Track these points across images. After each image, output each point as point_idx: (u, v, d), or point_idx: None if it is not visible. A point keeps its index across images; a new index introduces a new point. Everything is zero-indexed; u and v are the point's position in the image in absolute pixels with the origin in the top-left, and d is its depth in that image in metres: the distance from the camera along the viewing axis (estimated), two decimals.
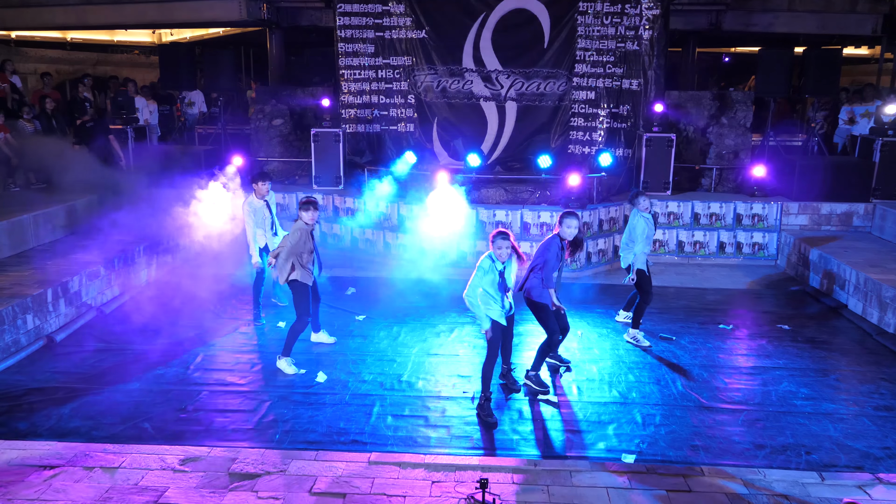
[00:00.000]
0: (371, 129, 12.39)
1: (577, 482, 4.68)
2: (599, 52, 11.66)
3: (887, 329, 7.58)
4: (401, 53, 12.00)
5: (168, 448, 5.09)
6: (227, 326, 7.70)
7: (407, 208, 10.53)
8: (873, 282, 7.92)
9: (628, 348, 7.19)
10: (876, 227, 10.39)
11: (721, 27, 13.25)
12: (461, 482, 4.63)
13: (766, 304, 8.73)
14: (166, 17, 14.06)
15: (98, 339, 7.30)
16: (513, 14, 11.65)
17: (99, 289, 8.20)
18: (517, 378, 6.30)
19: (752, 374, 6.63)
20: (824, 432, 5.53)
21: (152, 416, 5.67)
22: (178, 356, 6.87)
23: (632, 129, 11.79)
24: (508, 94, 11.97)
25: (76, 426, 5.51)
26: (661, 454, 5.19)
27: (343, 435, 5.43)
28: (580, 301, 8.63)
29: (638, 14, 11.44)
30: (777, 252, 10.53)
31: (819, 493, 4.59)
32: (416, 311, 8.19)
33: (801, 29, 13.38)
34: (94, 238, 9.28)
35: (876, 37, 13.53)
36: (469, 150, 11.11)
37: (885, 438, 5.45)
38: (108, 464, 4.83)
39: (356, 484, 4.63)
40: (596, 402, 6.01)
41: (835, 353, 7.17)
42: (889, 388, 6.35)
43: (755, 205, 10.61)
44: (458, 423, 5.63)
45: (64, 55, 16.25)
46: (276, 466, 4.83)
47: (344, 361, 6.74)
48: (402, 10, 11.77)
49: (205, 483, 4.63)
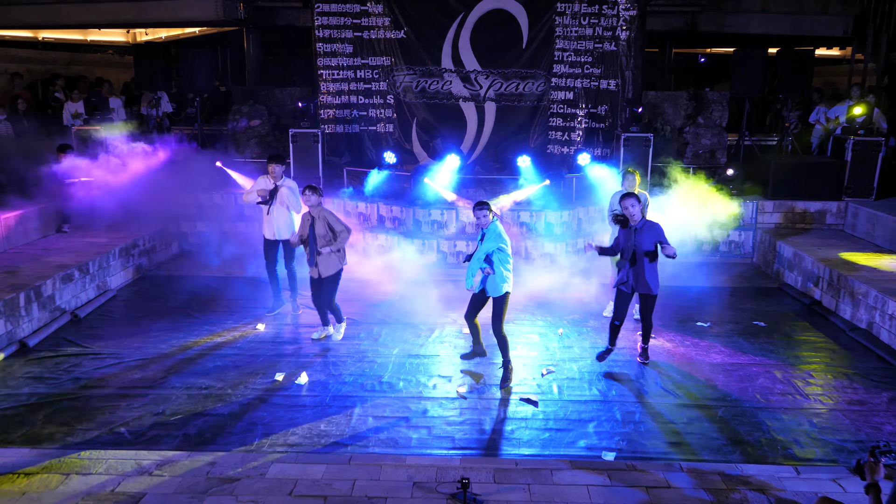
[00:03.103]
0: (350, 129, 12.34)
1: (557, 480, 4.70)
2: (577, 53, 11.73)
3: (860, 325, 7.71)
4: (379, 53, 11.96)
5: (145, 453, 5.02)
6: (204, 329, 7.62)
7: (386, 208, 10.52)
8: (846, 278, 8.05)
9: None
10: (848, 225, 10.57)
11: (697, 28, 13.42)
12: (443, 482, 4.62)
13: (742, 301, 8.84)
14: (141, 17, 13.88)
15: (73, 344, 7.18)
16: (491, 14, 11.67)
17: (73, 292, 8.07)
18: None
19: (729, 370, 6.71)
20: (800, 427, 5.61)
21: (129, 421, 5.59)
22: (156, 360, 6.78)
23: (610, 128, 11.87)
24: (487, 94, 11.99)
25: (50, 432, 5.41)
26: (640, 451, 5.24)
27: (324, 437, 5.40)
28: (558, 300, 8.67)
29: (615, 15, 11.52)
30: (753, 250, 10.67)
31: (795, 487, 4.66)
32: (396, 312, 8.17)
33: (775, 30, 13.60)
34: (69, 240, 9.15)
35: (847, 38, 13.77)
36: (448, 150, 11.11)
37: (858, 432, 5.55)
38: (83, 470, 4.75)
39: (337, 486, 4.60)
40: (576, 401, 6.04)
41: (809, 350, 7.28)
42: (862, 382, 6.47)
43: (731, 203, 10.72)
44: (440, 424, 5.63)
45: (35, 55, 15.94)
46: (255, 470, 4.79)
47: (324, 363, 6.71)
48: (381, 10, 11.73)
49: (183, 488, 4.58)
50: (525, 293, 8.89)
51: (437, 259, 9.99)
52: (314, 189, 6.92)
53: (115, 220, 9.70)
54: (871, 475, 3.24)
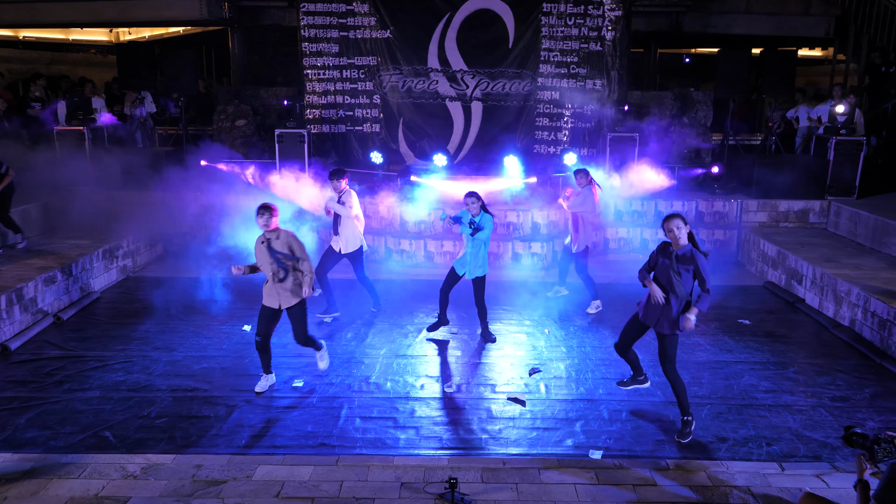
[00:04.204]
0: (336, 129, 12.30)
1: (545, 479, 4.71)
2: (563, 53, 11.77)
3: (842, 322, 7.80)
4: (366, 53, 11.94)
5: (130, 457, 4.97)
6: (189, 331, 7.57)
7: (373, 208, 10.50)
8: (829, 276, 8.14)
9: (595, 346, 7.27)
10: (831, 224, 10.69)
11: (681, 28, 13.51)
12: (431, 482, 4.62)
13: (727, 299, 8.90)
14: (124, 16, 13.75)
15: (55, 347, 7.10)
16: (477, 14, 11.68)
17: (56, 294, 7.98)
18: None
19: (714, 368, 6.76)
20: (784, 424, 5.66)
21: (113, 424, 5.54)
22: (140, 362, 6.72)
23: (596, 128, 11.92)
24: (474, 94, 12.00)
25: (32, 436, 5.34)
26: (627, 449, 5.26)
27: (311, 438, 5.37)
28: (545, 300, 8.70)
29: (601, 15, 11.58)
30: (737, 249, 10.76)
31: (779, 483, 4.71)
32: (382, 312, 8.15)
33: (758, 31, 13.72)
34: (51, 242, 9.04)
35: (829, 39, 13.93)
36: (435, 150, 11.12)
37: (841, 429, 5.57)
38: (66, 475, 4.70)
39: (324, 488, 4.59)
40: (563, 400, 6.05)
41: (793, 347, 7.35)
42: (845, 379, 6.54)
43: (716, 202, 10.83)
44: (427, 424, 5.62)
45: (16, 54, 15.76)
46: (242, 472, 4.76)
47: (311, 364, 6.67)
48: (367, 10, 11.71)
49: (169, 491, 4.54)
50: (512, 292, 8.91)
51: (424, 258, 9.99)
52: (268, 209, 5.79)
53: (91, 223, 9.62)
54: (859, 471, 3.28)
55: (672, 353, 5.31)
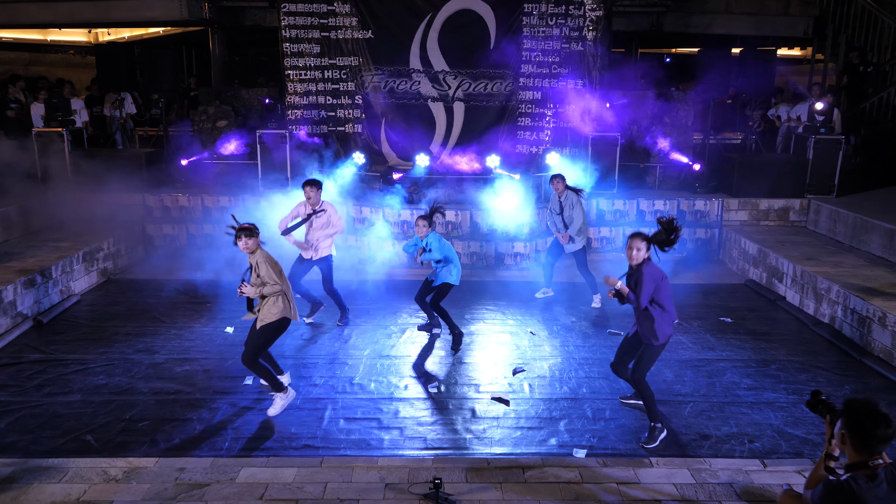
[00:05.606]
0: (318, 130, 12.25)
1: (529, 478, 4.72)
2: (545, 53, 11.81)
3: (823, 319, 7.90)
4: (347, 54, 11.90)
5: (112, 460, 4.92)
6: (172, 333, 7.50)
7: (355, 209, 10.47)
8: (809, 274, 8.24)
9: (578, 345, 7.30)
10: (811, 222, 10.82)
11: (662, 28, 13.60)
12: (415, 483, 4.62)
13: (708, 298, 8.99)
14: (102, 16, 13.59)
15: (36, 350, 7.01)
16: (459, 15, 11.68)
17: (36, 297, 7.88)
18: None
19: (697, 366, 6.82)
20: (766, 421, 5.72)
21: (95, 427, 5.48)
22: (122, 365, 6.65)
23: (578, 128, 11.95)
24: (456, 94, 12.01)
25: (12, 441, 5.27)
26: (611, 448, 5.29)
27: (295, 440, 5.35)
28: (528, 300, 8.73)
29: (581, 15, 11.63)
30: (719, 247, 10.86)
31: (762, 480, 4.75)
32: (366, 313, 8.14)
33: (738, 30, 13.85)
34: (30, 245, 8.92)
35: (807, 38, 14.10)
36: (418, 150, 11.11)
37: (822, 425, 5.63)
38: (48, 479, 4.64)
39: (308, 489, 4.57)
40: (547, 399, 6.08)
41: (774, 344, 7.43)
42: (826, 376, 6.62)
43: (697, 201, 10.92)
44: (411, 425, 5.62)
45: None
46: (225, 474, 4.73)
47: (294, 365, 6.64)
48: (348, 10, 11.67)
49: (151, 495, 4.50)
50: (495, 293, 8.93)
51: (408, 259, 9.97)
52: (244, 230, 5.51)
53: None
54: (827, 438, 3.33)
55: (648, 364, 5.36)
